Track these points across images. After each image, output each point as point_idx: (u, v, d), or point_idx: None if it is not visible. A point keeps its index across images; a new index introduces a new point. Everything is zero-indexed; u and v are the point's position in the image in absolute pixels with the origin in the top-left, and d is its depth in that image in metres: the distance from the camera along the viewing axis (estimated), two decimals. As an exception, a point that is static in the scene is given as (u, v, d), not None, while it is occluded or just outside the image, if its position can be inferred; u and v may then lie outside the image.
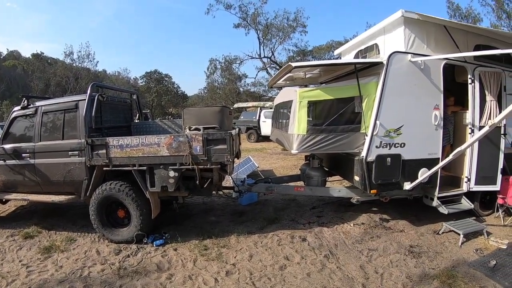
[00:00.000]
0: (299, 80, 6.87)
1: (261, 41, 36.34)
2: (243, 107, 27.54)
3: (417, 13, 5.80)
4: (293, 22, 35.98)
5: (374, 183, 5.60)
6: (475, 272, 4.77)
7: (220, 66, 40.36)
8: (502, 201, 6.73)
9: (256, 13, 34.58)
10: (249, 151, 16.20)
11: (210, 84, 44.53)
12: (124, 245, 5.56)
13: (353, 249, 5.41)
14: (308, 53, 39.11)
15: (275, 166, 12.56)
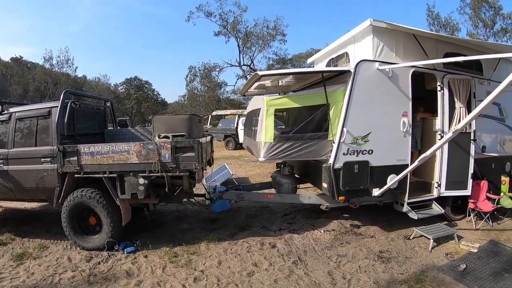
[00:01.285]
0: (272, 89, 6.89)
1: (241, 49, 36.77)
2: (221, 114, 27.38)
3: (385, 22, 5.82)
4: (272, 30, 36.55)
5: (342, 190, 5.57)
6: (444, 276, 4.79)
7: (199, 73, 40.43)
8: (473, 206, 6.77)
9: (236, 21, 34.98)
10: (227, 159, 16.12)
11: (190, 91, 44.43)
12: (96, 252, 5.51)
13: (322, 255, 5.39)
14: (287, 61, 39.54)
15: (251, 174, 12.54)
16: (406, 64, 5.82)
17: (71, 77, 42.68)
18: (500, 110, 7.55)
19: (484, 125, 7.07)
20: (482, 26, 24.54)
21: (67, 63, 39.69)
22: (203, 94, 42.49)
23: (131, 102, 46.42)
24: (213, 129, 24.12)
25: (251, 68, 37.47)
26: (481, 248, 5.76)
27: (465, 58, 5.12)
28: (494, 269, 5.04)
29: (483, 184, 6.94)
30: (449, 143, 6.28)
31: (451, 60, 5.46)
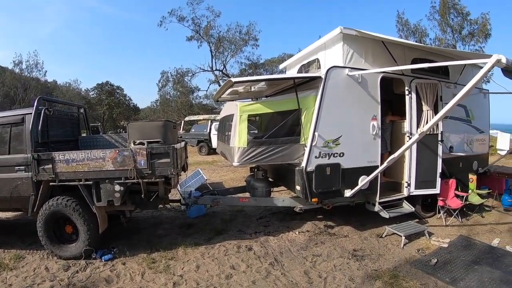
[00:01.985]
0: (245, 94, 6.99)
1: (213, 53, 36.43)
2: (194, 120, 27.24)
3: (355, 30, 6.02)
4: (245, 35, 36.47)
5: (315, 192, 5.70)
6: (417, 271, 4.99)
7: (172, 78, 39.92)
8: (442, 203, 7.04)
9: (209, 26, 34.67)
10: (200, 164, 16.12)
11: (162, 96, 43.86)
12: (73, 261, 5.43)
13: (298, 256, 5.49)
14: (260, 66, 39.50)
15: (225, 179, 12.58)
16: (375, 70, 6.03)
17: (41, 82, 41.40)
18: (466, 112, 7.87)
19: (451, 126, 7.37)
20: (450, 31, 25.39)
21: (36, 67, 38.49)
22: (175, 99, 41.95)
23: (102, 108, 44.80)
24: (186, 134, 23.81)
25: (223, 73, 37.37)
26: (451, 243, 6.02)
27: (430, 65, 5.36)
28: (464, 262, 5.28)
29: (451, 182, 7.22)
30: (418, 144, 6.51)
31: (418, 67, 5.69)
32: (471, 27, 24.34)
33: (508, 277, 4.81)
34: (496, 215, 7.81)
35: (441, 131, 6.78)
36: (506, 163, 15.97)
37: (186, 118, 27.91)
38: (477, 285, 4.61)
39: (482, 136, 8.59)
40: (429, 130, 6.49)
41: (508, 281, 4.68)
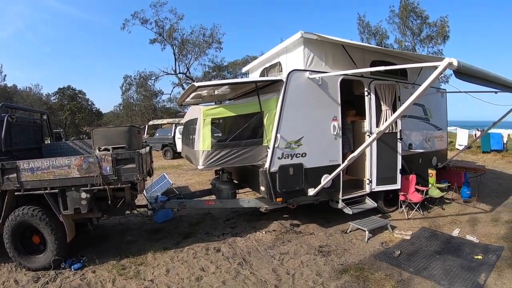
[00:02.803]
0: (208, 98, 7.06)
1: (176, 56, 36.10)
2: (158, 124, 26.77)
3: (316, 34, 6.21)
4: (209, 38, 36.21)
5: (279, 192, 5.83)
6: (381, 263, 5.19)
7: (135, 82, 39.18)
8: (403, 198, 7.34)
9: (172, 29, 34.29)
10: (165, 169, 16.02)
11: (125, 100, 42.67)
12: (42, 272, 5.31)
13: (265, 255, 5.59)
14: (224, 69, 39.41)
15: (191, 182, 12.55)
16: (335, 73, 6.23)
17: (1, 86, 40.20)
18: (424, 111, 8.23)
19: (410, 125, 7.70)
20: (410, 34, 26.33)
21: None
22: (139, 104, 41.08)
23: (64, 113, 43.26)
24: (150, 139, 23.37)
25: (187, 76, 37.07)
26: (414, 235, 6.31)
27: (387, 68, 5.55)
28: (427, 252, 5.54)
29: (411, 178, 7.56)
30: (378, 143, 6.78)
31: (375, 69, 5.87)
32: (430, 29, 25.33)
33: (469, 263, 5.11)
34: (456, 207, 8.19)
35: (400, 129, 7.07)
36: (465, 157, 16.74)
37: (150, 123, 27.26)
38: (440, 273, 4.84)
39: (441, 133, 9.00)
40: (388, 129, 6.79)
41: (469, 268, 4.97)
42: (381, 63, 6.99)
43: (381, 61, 7.11)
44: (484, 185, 10.09)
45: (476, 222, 7.05)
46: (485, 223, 6.97)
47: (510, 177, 12.00)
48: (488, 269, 4.91)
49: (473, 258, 5.30)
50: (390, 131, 6.92)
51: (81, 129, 46.44)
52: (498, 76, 5.29)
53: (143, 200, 7.62)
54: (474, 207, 8.08)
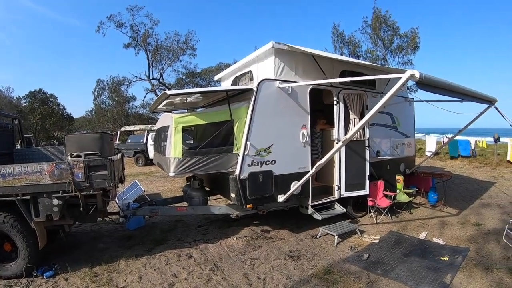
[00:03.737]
0: (181, 105, 7.13)
1: (150, 62, 35.99)
2: (130, 130, 26.50)
3: (286, 45, 6.40)
4: (183, 44, 36.43)
5: (249, 199, 5.95)
6: (350, 266, 5.37)
7: (107, 87, 38.82)
8: (372, 203, 7.62)
9: (147, 34, 34.25)
10: (137, 175, 15.98)
11: (97, 106, 42.15)
12: (14, 280, 5.24)
13: (236, 260, 5.70)
14: (197, 75, 39.63)
15: (163, 189, 12.56)
16: (304, 82, 6.44)
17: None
18: (392, 119, 8.55)
19: (378, 132, 7.99)
20: (381, 44, 27.12)
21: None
22: (111, 109, 40.61)
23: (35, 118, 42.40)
24: (122, 145, 23.09)
25: (160, 82, 37.04)
26: (382, 238, 6.54)
27: (353, 78, 5.86)
28: (394, 255, 5.76)
29: (379, 184, 7.84)
30: (346, 150, 7.03)
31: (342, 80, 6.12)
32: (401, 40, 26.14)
33: (436, 265, 5.35)
34: (424, 211, 8.52)
35: (368, 137, 7.34)
36: (433, 163, 17.30)
37: (122, 129, 27.01)
38: (407, 274, 5.04)
39: (408, 140, 9.35)
40: (356, 137, 7.06)
41: (435, 268, 5.21)
42: (350, 73, 7.23)
43: (350, 71, 7.35)
44: (451, 190, 10.49)
45: (443, 225, 7.36)
46: (451, 226, 7.28)
47: (477, 182, 12.49)
48: (454, 270, 5.15)
49: (440, 260, 5.53)
50: (358, 139, 7.18)
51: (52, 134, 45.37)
52: (459, 86, 5.58)
53: (115, 207, 7.62)
54: (441, 211, 8.41)
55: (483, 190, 10.97)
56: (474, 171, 15.13)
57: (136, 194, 8.54)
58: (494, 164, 16.05)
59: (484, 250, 5.90)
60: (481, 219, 7.70)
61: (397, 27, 26.01)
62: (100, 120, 41.36)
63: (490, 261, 5.43)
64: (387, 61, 26.53)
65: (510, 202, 9.26)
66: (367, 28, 27.65)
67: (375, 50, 27.39)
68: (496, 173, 14.52)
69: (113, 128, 36.59)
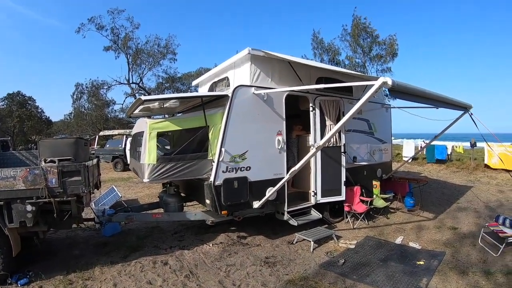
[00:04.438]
0: (157, 110, 7.12)
1: (130, 66, 35.61)
2: (109, 135, 26.05)
3: (263, 51, 6.50)
4: (163, 48, 36.12)
5: (224, 205, 5.97)
6: (326, 272, 5.44)
7: (87, 91, 37.79)
8: (348, 209, 7.74)
9: (127, 37, 33.82)
10: (115, 181, 15.87)
11: (76, 109, 41.24)
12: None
13: (212, 267, 5.71)
14: (177, 80, 39.44)
15: (140, 195, 12.49)
16: (279, 89, 6.53)
17: None
18: (369, 125, 8.72)
19: (355, 138, 8.15)
20: (360, 51, 27.64)
21: None
22: (90, 113, 39.72)
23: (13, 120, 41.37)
24: (100, 150, 22.87)
25: (140, 86, 36.60)
26: (358, 244, 6.65)
27: (326, 85, 5.98)
28: (370, 260, 5.85)
29: (356, 189, 7.98)
30: (322, 156, 7.15)
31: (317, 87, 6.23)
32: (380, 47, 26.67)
33: (411, 269, 5.45)
34: (400, 216, 8.69)
35: (344, 143, 7.49)
36: (411, 168, 17.66)
37: (101, 133, 26.55)
38: (383, 279, 5.13)
39: (385, 146, 9.55)
40: (332, 143, 7.19)
41: (411, 273, 5.31)
42: (326, 80, 7.40)
43: (326, 78, 7.51)
44: (428, 194, 10.75)
45: (419, 230, 7.53)
46: (428, 230, 7.46)
47: (454, 186, 12.84)
48: (430, 274, 5.26)
49: (416, 264, 5.66)
50: (334, 145, 7.32)
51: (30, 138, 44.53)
52: (433, 93, 5.74)
53: (91, 213, 7.56)
54: (417, 216, 8.61)
55: (460, 194, 11.31)
56: (451, 176, 15.53)
57: (113, 200, 8.46)
58: (471, 169, 16.53)
59: (460, 254, 6.07)
60: (457, 223, 7.92)
61: (376, 34, 26.60)
62: (78, 124, 40.72)
63: (466, 265, 5.60)
64: (366, 68, 27.07)
65: (486, 205, 9.58)
66: (347, 35, 28.17)
67: (354, 57, 27.91)
68: (472, 177, 14.97)
69: (91, 132, 36.11)
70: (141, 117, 7.72)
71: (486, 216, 8.40)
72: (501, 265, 5.54)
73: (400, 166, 11.05)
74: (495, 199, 10.51)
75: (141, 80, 36.97)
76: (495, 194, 11.42)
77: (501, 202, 10.12)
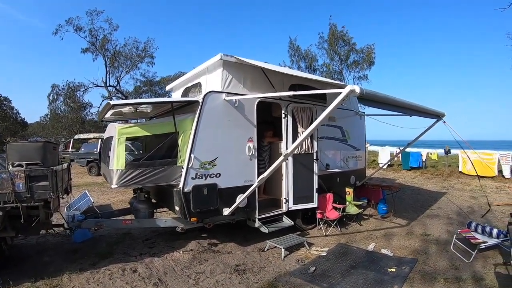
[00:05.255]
0: (130, 115, 7.09)
1: (108, 68, 35.59)
2: (84, 138, 26.01)
3: (235, 57, 6.57)
4: (142, 51, 36.28)
5: (193, 212, 5.98)
6: (296, 280, 5.47)
7: (63, 92, 37.60)
8: (320, 216, 7.86)
9: (105, 39, 33.85)
10: (90, 186, 15.69)
11: (52, 111, 41.25)
12: None
13: (181, 275, 5.72)
14: (155, 84, 39.57)
15: (114, 200, 12.37)
16: (251, 95, 6.62)
17: None
18: (342, 132, 8.90)
19: (327, 145, 8.30)
20: (338, 58, 28.35)
21: None
22: (66, 115, 39.72)
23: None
24: (75, 154, 22.57)
25: (117, 90, 36.57)
26: (330, 251, 6.73)
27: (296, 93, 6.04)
28: (341, 268, 5.92)
29: (328, 196, 8.12)
30: (294, 163, 7.27)
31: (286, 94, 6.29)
32: (357, 55, 27.42)
33: (382, 276, 5.51)
34: (374, 222, 8.87)
35: (316, 150, 7.62)
36: (386, 174, 18.03)
37: (76, 136, 26.33)
38: (352, 287, 5.19)
39: (359, 153, 9.76)
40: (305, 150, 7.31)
41: (381, 281, 5.36)
42: (300, 87, 7.54)
43: (300, 85, 7.63)
44: (402, 201, 11.00)
45: (391, 236, 7.68)
46: (400, 237, 7.61)
47: (428, 193, 13.19)
48: (401, 281, 5.32)
49: (387, 271, 5.72)
50: (306, 152, 7.44)
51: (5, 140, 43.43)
52: (405, 102, 5.89)
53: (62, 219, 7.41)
54: (390, 222, 8.79)
55: (433, 200, 11.60)
56: (425, 182, 15.93)
57: (85, 205, 8.35)
58: (445, 175, 16.98)
59: (431, 260, 6.20)
60: (430, 229, 8.12)
61: (353, 42, 27.31)
62: (54, 126, 40.22)
63: (437, 271, 5.71)
64: (343, 75, 27.64)
65: (458, 212, 9.86)
66: (324, 43, 28.80)
67: (331, 64, 28.46)
68: (446, 184, 15.38)
69: (67, 135, 35.62)
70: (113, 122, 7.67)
71: (458, 222, 8.64)
72: (473, 272, 5.68)
73: (373, 173, 11.29)
74: (468, 205, 10.83)
75: (118, 83, 36.77)
76: (468, 200, 11.78)
77: (473, 208, 10.41)
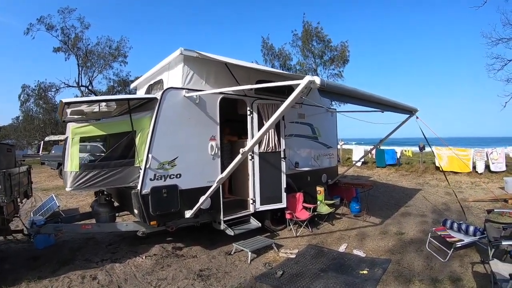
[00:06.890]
0: (92, 114, 6.83)
1: (80, 68, 35.02)
2: (56, 140, 25.57)
3: (196, 52, 6.43)
4: (115, 51, 35.92)
5: (153, 215, 5.82)
6: (261, 285, 5.34)
7: (33, 93, 36.72)
8: (290, 216, 7.79)
9: (77, 38, 33.31)
10: (59, 189, 15.23)
11: (25, 113, 39.63)
12: None
13: (142, 281, 5.57)
14: (129, 83, 38.31)
15: (83, 204, 12.16)
16: (211, 91, 6.46)
17: None
18: (312, 130, 8.89)
19: (297, 143, 8.27)
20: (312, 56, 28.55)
21: None
22: (39, 117, 38.77)
23: None
24: (46, 156, 22.23)
25: (89, 90, 35.92)
26: (299, 253, 6.64)
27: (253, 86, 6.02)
28: (311, 271, 5.80)
29: (298, 196, 8.08)
30: (261, 162, 7.20)
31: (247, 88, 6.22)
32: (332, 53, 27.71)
33: (354, 279, 5.39)
34: (346, 222, 8.87)
35: (284, 148, 7.55)
36: (361, 172, 18.27)
37: (47, 138, 26.14)
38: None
39: (330, 151, 9.78)
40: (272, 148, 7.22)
41: (352, 284, 5.24)
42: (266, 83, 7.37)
43: (267, 80, 7.52)
44: (376, 198, 11.11)
45: (364, 236, 7.68)
46: (373, 237, 7.61)
47: (402, 189, 13.40)
48: (373, 284, 5.20)
49: (359, 274, 5.60)
50: (273, 150, 7.35)
51: (-26, 142, 42.06)
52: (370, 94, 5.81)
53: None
54: (363, 221, 8.83)
55: (408, 197, 11.78)
56: (400, 179, 16.23)
57: (50, 209, 8.09)
58: (420, 172, 17.34)
59: (406, 261, 6.14)
60: (404, 228, 8.15)
61: (328, 39, 27.54)
62: (26, 128, 39.20)
63: (412, 272, 5.64)
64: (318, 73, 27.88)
65: (433, 209, 10.00)
66: (298, 41, 29.01)
67: (305, 62, 28.65)
68: (421, 180, 15.71)
69: (40, 137, 34.72)
70: None
71: (433, 220, 8.72)
72: (449, 272, 5.62)
73: (346, 170, 11.36)
74: (443, 202, 11.01)
75: (91, 83, 36.12)
76: (443, 196, 11.99)
77: (448, 205, 10.54)
